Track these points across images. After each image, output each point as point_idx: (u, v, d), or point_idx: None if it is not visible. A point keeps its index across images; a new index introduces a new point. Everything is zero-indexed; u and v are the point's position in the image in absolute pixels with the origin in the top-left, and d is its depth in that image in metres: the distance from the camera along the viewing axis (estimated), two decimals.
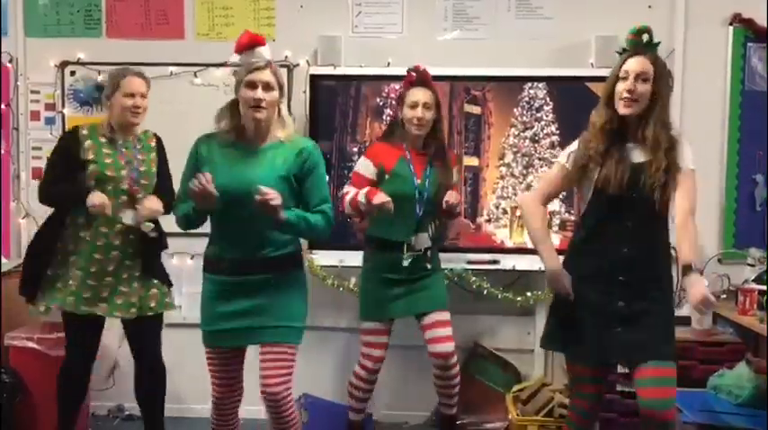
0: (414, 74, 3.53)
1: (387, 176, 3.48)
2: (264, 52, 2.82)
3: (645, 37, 2.77)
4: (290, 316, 2.88)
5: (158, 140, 3.53)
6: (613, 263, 2.74)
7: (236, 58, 2.88)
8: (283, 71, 3.11)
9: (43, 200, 3.43)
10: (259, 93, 2.75)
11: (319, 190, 2.89)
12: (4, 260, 4.31)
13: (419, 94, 3.46)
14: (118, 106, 3.39)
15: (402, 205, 3.40)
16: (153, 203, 3.33)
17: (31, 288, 3.43)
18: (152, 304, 3.41)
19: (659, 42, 2.82)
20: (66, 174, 3.36)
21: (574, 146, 2.88)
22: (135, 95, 3.36)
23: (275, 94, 2.80)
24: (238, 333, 2.86)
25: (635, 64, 2.72)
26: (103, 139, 3.40)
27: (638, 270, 2.74)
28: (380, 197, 3.32)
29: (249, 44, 2.81)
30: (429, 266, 3.54)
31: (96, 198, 3.24)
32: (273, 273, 2.84)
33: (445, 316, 3.55)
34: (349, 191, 3.48)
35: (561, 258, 2.87)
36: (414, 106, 3.45)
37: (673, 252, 2.83)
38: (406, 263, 3.45)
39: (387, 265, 3.51)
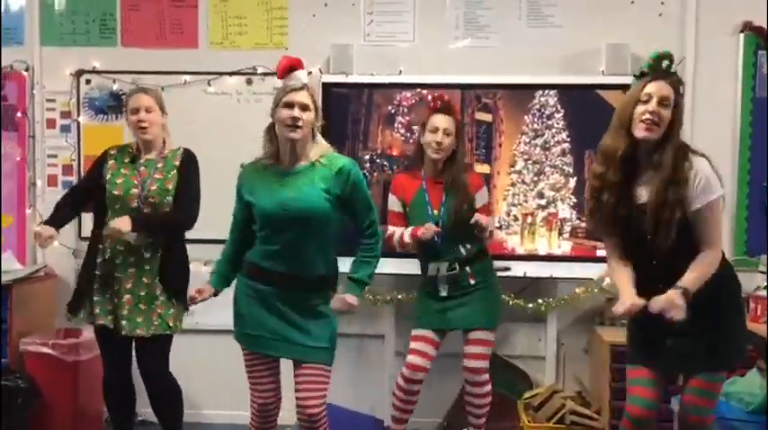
0: (438, 101, 3.59)
1: (407, 209, 3.61)
2: (302, 75, 2.88)
3: (665, 63, 2.71)
4: (327, 337, 2.93)
5: (186, 158, 3.47)
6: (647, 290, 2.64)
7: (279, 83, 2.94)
8: None
9: (59, 202, 3.51)
10: (296, 112, 2.80)
11: (368, 212, 2.95)
12: (20, 266, 4.37)
13: (440, 121, 3.51)
14: (129, 125, 3.45)
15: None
16: (118, 223, 3.25)
17: (73, 303, 3.48)
18: (156, 323, 3.38)
19: (676, 70, 2.78)
20: (84, 188, 3.51)
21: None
22: (139, 110, 3.38)
23: (311, 114, 2.84)
24: (277, 343, 2.90)
25: (658, 88, 2.64)
26: (127, 159, 3.45)
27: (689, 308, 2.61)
28: (423, 230, 3.47)
29: (290, 68, 2.86)
30: (473, 282, 3.55)
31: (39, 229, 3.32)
32: (314, 292, 2.90)
33: (487, 335, 3.59)
34: (393, 231, 3.60)
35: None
36: (434, 131, 3.50)
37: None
38: (443, 292, 3.55)
39: (427, 283, 3.63)
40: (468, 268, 3.55)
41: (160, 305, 3.37)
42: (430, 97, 3.68)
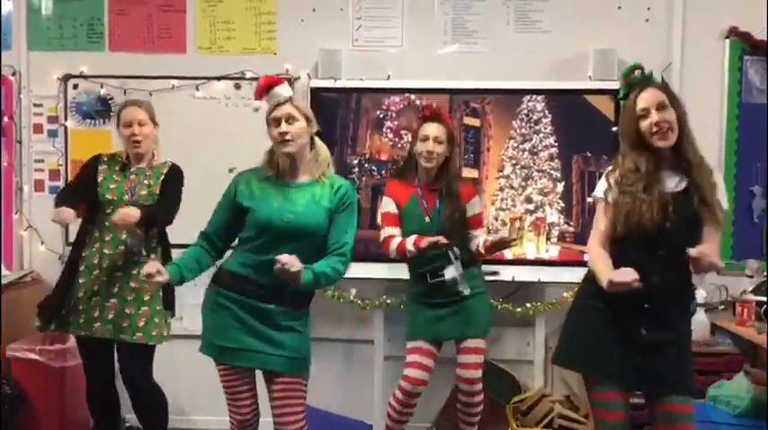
0: (427, 110, 3.57)
1: (401, 213, 3.54)
2: (283, 90, 2.83)
3: (638, 73, 2.74)
4: (301, 349, 2.87)
5: (172, 168, 3.50)
6: (642, 291, 2.58)
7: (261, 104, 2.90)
8: None
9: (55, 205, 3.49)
10: (283, 127, 2.77)
11: (346, 233, 2.85)
12: (6, 272, 4.34)
13: (431, 129, 3.48)
14: (121, 137, 3.47)
15: None
16: (127, 209, 3.25)
17: (47, 310, 3.44)
18: (141, 331, 3.37)
19: (651, 72, 2.79)
20: (77, 190, 3.45)
21: (603, 175, 2.79)
22: (132, 124, 3.40)
23: (300, 124, 2.80)
24: (251, 354, 2.82)
25: (649, 96, 2.66)
26: (117, 167, 3.46)
27: (665, 298, 2.66)
28: (427, 240, 3.37)
29: (266, 87, 2.83)
30: (467, 292, 3.47)
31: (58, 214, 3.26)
32: (291, 306, 2.84)
33: (480, 343, 3.57)
34: (393, 235, 3.52)
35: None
36: (425, 139, 3.48)
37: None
38: (447, 276, 3.42)
39: (422, 293, 3.54)
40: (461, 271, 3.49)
41: (147, 311, 3.36)
42: (420, 106, 3.64)
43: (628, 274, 2.52)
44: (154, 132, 3.49)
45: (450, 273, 3.42)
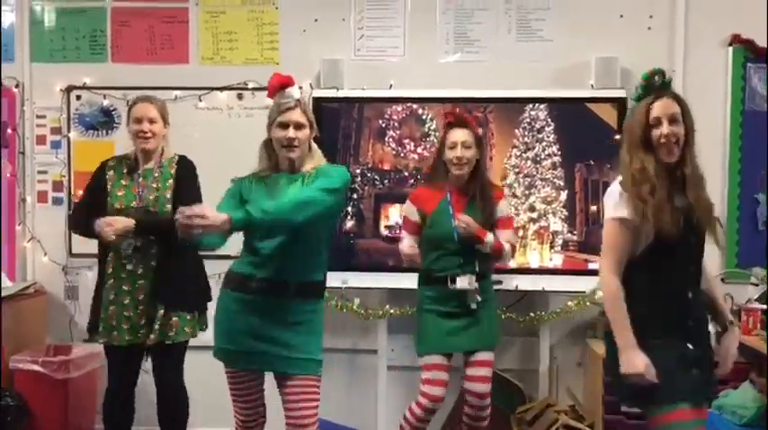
0: (451, 116, 3.55)
1: (428, 220, 3.52)
2: (294, 92, 2.86)
3: (657, 78, 2.67)
4: (312, 348, 2.87)
5: (181, 164, 3.46)
6: (681, 308, 2.59)
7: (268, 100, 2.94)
8: None
9: (70, 226, 3.45)
10: (291, 132, 2.81)
11: (322, 178, 2.80)
12: (9, 283, 4.34)
13: (457, 134, 3.46)
14: (130, 132, 3.43)
15: (444, 246, 3.44)
16: (111, 219, 3.27)
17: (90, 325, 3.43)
18: (171, 332, 3.35)
19: (671, 80, 2.72)
20: (91, 203, 3.39)
21: (614, 195, 2.63)
22: (142, 120, 3.37)
23: (306, 131, 2.86)
24: (260, 356, 2.82)
25: (664, 107, 2.60)
26: (125, 171, 3.42)
27: (699, 312, 2.65)
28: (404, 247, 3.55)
29: (280, 86, 2.86)
30: (479, 298, 3.46)
31: (100, 224, 3.23)
32: (301, 299, 2.83)
33: (490, 356, 3.54)
34: (404, 237, 3.59)
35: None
36: (453, 146, 3.46)
37: None
38: (473, 305, 3.43)
39: (437, 299, 3.49)
40: (477, 285, 3.47)
41: (166, 315, 3.33)
42: (443, 112, 3.64)
43: (640, 363, 2.47)
44: (164, 131, 3.44)
45: (463, 283, 3.42)
